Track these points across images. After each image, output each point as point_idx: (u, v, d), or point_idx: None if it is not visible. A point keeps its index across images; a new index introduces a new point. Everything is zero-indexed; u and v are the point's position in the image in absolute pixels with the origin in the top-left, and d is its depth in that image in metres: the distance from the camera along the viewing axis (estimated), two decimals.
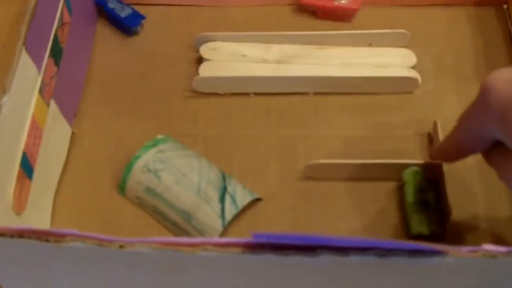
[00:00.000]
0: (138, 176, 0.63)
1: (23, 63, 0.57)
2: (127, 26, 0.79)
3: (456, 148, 0.56)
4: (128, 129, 0.71)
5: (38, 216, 0.60)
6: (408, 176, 0.64)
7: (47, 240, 0.44)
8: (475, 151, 0.54)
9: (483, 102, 0.48)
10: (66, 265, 0.48)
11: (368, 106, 0.73)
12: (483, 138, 0.50)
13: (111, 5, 0.79)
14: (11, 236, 0.44)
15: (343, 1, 0.79)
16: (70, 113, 0.69)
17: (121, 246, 0.44)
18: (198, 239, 0.43)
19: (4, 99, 0.53)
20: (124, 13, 0.79)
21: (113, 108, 0.73)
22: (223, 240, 0.43)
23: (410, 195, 0.62)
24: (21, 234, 0.44)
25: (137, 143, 0.67)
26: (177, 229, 0.62)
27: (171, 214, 0.62)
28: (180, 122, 0.72)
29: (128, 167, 0.64)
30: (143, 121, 0.72)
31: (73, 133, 0.70)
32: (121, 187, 0.64)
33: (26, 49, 0.57)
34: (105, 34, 0.80)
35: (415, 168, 0.64)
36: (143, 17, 0.80)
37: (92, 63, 0.77)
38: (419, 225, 0.61)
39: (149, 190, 0.63)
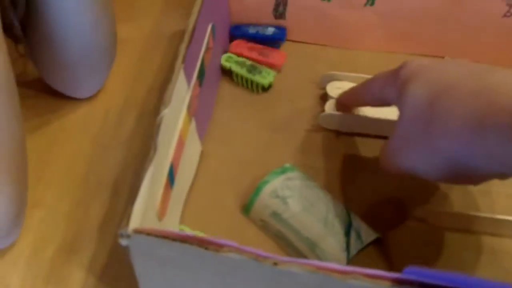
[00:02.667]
0: (266, 200, 0.66)
1: (180, 80, 0.60)
2: (277, 40, 0.85)
3: (357, 94, 0.70)
4: (253, 154, 0.74)
5: (171, 224, 0.63)
6: None
7: (206, 248, 0.47)
8: (368, 103, 0.69)
9: (396, 72, 0.60)
10: (213, 275, 0.50)
11: None
12: (382, 97, 0.63)
13: (253, 30, 0.83)
14: (174, 240, 0.47)
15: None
16: (202, 132, 0.73)
17: (275, 264, 0.46)
18: (349, 268, 0.45)
19: (165, 111, 0.56)
20: (268, 31, 0.83)
21: (240, 132, 0.76)
22: (374, 272, 0.45)
23: None
24: (184, 239, 0.47)
25: (261, 168, 0.70)
26: (299, 256, 0.64)
27: (295, 241, 0.64)
28: (303, 154, 0.74)
29: (257, 190, 0.66)
30: (268, 148, 0.75)
31: (202, 151, 0.73)
32: (247, 208, 0.67)
33: (184, 68, 0.61)
34: None
35: None
36: (284, 29, 0.85)
37: (222, 87, 0.81)
38: None
39: (275, 215, 0.65)
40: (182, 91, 0.62)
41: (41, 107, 0.78)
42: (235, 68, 0.80)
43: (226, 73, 0.82)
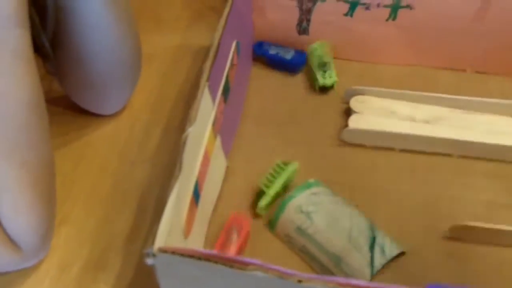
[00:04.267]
0: (291, 215, 0.66)
1: (205, 97, 0.61)
2: (295, 65, 0.85)
3: None
4: None
5: (196, 242, 0.64)
6: None
7: (231, 266, 0.47)
8: None
9: None
10: None
11: (511, 175, 0.74)
12: None
13: (273, 51, 0.83)
14: (199, 258, 0.47)
15: None
16: (227, 148, 0.73)
17: (299, 281, 0.46)
18: (372, 284, 0.45)
19: (190, 129, 0.57)
20: (289, 55, 0.83)
21: (264, 147, 0.76)
22: (395, 287, 0.45)
23: None
24: (208, 258, 0.47)
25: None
26: (325, 271, 0.64)
27: (320, 256, 0.64)
28: (328, 169, 0.75)
29: (281, 206, 0.67)
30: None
31: (227, 167, 0.73)
32: (272, 224, 0.68)
33: (208, 86, 0.61)
34: (260, 76, 0.84)
35: None
36: (304, 54, 0.85)
37: (247, 103, 0.81)
38: None
39: (300, 230, 0.65)
40: (207, 108, 0.62)
41: (67, 124, 0.79)
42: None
43: (252, 88, 0.83)
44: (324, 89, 0.83)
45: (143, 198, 0.72)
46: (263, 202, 0.68)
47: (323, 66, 0.81)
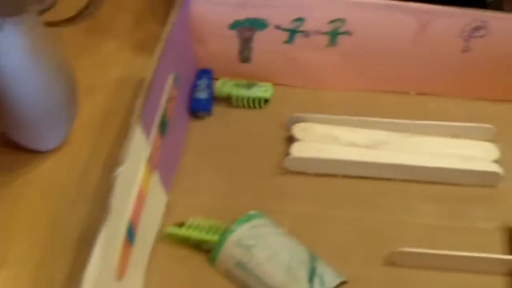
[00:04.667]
0: (231, 250, 0.66)
1: (137, 135, 0.60)
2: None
3: None
4: (220, 201, 0.74)
5: (133, 281, 0.63)
6: None
7: None
8: None
9: None
10: None
11: (452, 197, 0.75)
12: None
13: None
14: None
15: None
16: (167, 182, 0.73)
17: None
18: None
19: (119, 170, 0.56)
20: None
21: (206, 180, 0.76)
22: None
23: None
24: None
25: (228, 215, 0.70)
26: None
27: None
28: (270, 198, 0.75)
29: (221, 240, 0.66)
30: (234, 195, 0.75)
31: (168, 201, 0.73)
32: (212, 259, 0.67)
33: (141, 122, 0.61)
34: None
35: None
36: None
37: (189, 134, 0.81)
38: None
39: (240, 265, 0.65)
40: (140, 145, 0.62)
41: (5, 162, 0.77)
42: (234, 90, 0.83)
43: (196, 120, 0.83)
44: (267, 117, 0.83)
45: (83, 238, 0.71)
46: (177, 230, 0.69)
47: (250, 86, 0.81)
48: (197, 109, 0.83)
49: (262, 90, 0.84)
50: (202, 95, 0.83)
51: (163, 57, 0.67)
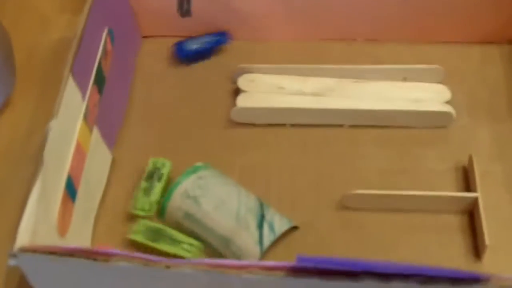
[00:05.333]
0: (178, 201, 0.64)
1: (70, 89, 0.59)
2: (221, 44, 0.83)
3: None
4: (167, 156, 0.72)
5: (80, 239, 0.62)
6: None
7: (95, 259, 0.45)
8: None
9: None
10: (108, 285, 0.49)
11: (403, 140, 0.74)
12: None
13: (196, 45, 0.82)
14: (61, 255, 0.45)
15: None
16: (111, 139, 0.71)
17: (167, 267, 0.45)
18: (244, 262, 0.44)
19: (52, 122, 0.55)
20: (211, 41, 0.82)
21: (153, 135, 0.74)
22: (269, 263, 0.44)
23: None
24: (71, 253, 0.45)
25: (176, 170, 0.69)
26: (216, 255, 0.63)
27: (210, 239, 0.63)
28: (218, 150, 0.73)
29: (168, 193, 0.65)
30: (181, 148, 0.73)
31: (113, 158, 0.71)
32: (161, 212, 0.66)
33: (73, 76, 0.59)
34: (146, 63, 0.82)
35: None
36: (224, 33, 0.83)
37: (133, 91, 0.79)
38: None
39: (188, 216, 0.64)
40: (74, 100, 0.60)
41: None
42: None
43: (138, 77, 0.80)
44: (214, 71, 0.82)
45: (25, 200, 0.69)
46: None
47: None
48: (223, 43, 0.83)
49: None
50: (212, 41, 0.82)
51: (93, 10, 0.65)
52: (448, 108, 0.74)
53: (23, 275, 0.61)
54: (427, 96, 0.76)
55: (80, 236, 0.62)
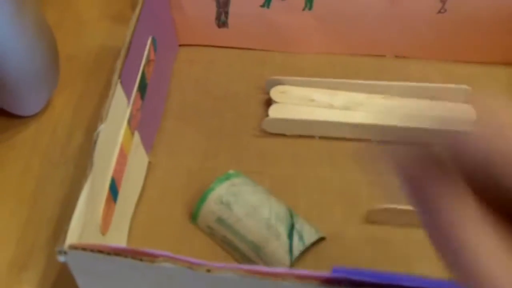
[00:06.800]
0: (211, 206, 0.67)
1: (118, 95, 0.61)
2: None
3: None
4: (201, 162, 0.75)
5: (117, 238, 0.64)
6: None
7: (141, 260, 0.48)
8: None
9: None
10: (151, 285, 0.51)
11: None
12: None
13: None
14: (109, 253, 0.48)
15: None
16: (149, 144, 0.74)
17: (208, 270, 0.48)
18: (281, 269, 0.47)
19: (101, 126, 0.57)
20: None
21: (187, 142, 0.77)
22: (303, 272, 0.46)
23: None
24: (118, 253, 0.48)
25: (209, 176, 0.71)
26: (245, 260, 0.65)
27: (240, 245, 0.65)
28: (249, 159, 0.76)
29: (202, 198, 0.68)
30: (214, 156, 0.76)
31: (149, 162, 0.74)
32: (194, 216, 0.68)
33: (121, 83, 0.62)
34: (182, 71, 0.85)
35: None
36: None
37: (169, 98, 0.82)
38: None
39: (220, 221, 0.66)
40: (121, 105, 0.63)
41: None
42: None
43: (174, 83, 0.83)
44: (246, 81, 0.84)
45: (66, 199, 0.72)
46: None
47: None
48: None
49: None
50: None
51: (140, 20, 0.67)
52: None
53: (58, 276, 0.66)
54: (453, 115, 0.78)
55: (118, 235, 0.64)
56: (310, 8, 0.82)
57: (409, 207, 0.66)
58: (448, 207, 0.34)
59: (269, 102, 0.80)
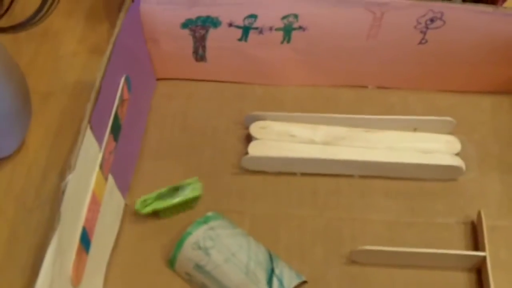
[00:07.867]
0: (189, 252, 0.65)
1: (87, 141, 0.59)
2: None
3: None
4: None
5: (93, 287, 0.62)
6: None
7: None
8: None
9: None
10: None
11: (412, 192, 0.75)
12: None
13: None
14: None
15: None
16: (125, 186, 0.72)
17: None
18: None
19: (69, 176, 0.55)
20: None
21: (165, 181, 0.74)
22: None
23: None
24: None
25: (188, 217, 0.70)
26: None
27: None
28: (229, 198, 0.74)
29: (179, 243, 0.66)
30: None
31: (126, 205, 0.72)
32: (171, 262, 0.66)
33: (91, 128, 0.60)
34: (160, 106, 0.83)
35: None
36: None
37: (146, 136, 0.80)
38: None
39: (198, 267, 0.64)
40: (92, 151, 0.61)
41: None
42: (159, 204, 0.71)
43: (151, 120, 0.81)
44: (225, 116, 0.83)
45: (41, 244, 0.70)
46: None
47: (175, 191, 0.73)
48: None
49: (190, 189, 0.73)
50: None
51: (112, 59, 0.65)
52: (458, 162, 0.75)
53: None
54: (437, 147, 0.77)
55: (94, 282, 0.62)
56: (288, 41, 0.81)
57: (391, 249, 0.65)
58: None
59: (249, 137, 0.79)
